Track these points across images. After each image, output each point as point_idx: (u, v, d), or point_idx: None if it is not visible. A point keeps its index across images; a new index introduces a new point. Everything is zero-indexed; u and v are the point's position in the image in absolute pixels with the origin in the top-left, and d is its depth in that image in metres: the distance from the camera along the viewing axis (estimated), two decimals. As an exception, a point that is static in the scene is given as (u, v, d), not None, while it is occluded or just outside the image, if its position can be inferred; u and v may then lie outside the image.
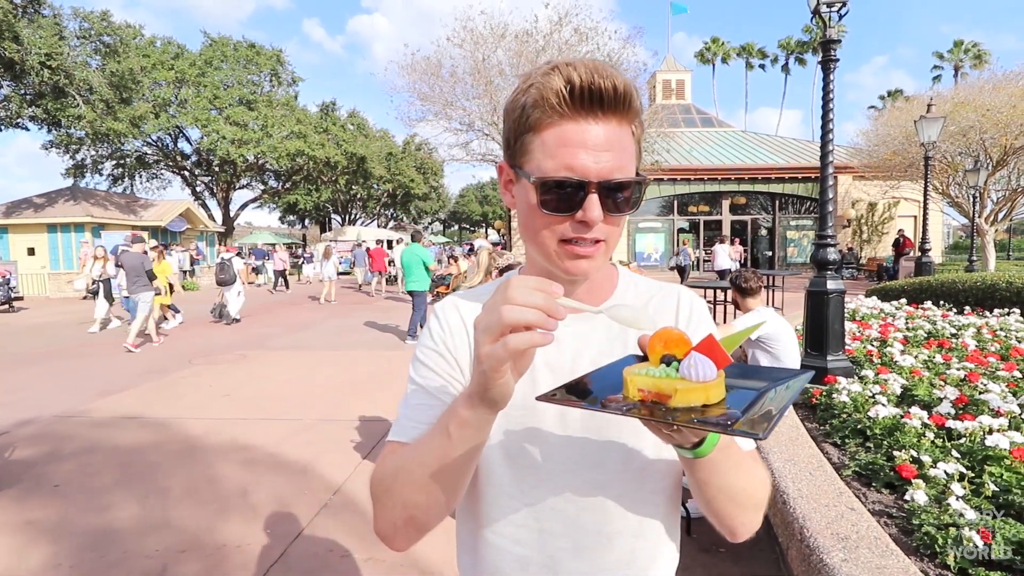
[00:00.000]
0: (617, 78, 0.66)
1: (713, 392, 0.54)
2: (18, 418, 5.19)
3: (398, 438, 0.76)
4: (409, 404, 0.79)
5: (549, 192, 0.67)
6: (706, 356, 0.55)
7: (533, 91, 0.67)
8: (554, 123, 0.67)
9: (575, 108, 0.66)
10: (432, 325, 0.83)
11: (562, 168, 0.66)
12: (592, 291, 0.81)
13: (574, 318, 0.78)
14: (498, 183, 0.78)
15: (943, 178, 16.78)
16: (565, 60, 0.68)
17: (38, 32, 16.51)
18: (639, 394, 0.56)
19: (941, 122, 11.03)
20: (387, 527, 0.72)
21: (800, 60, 46.70)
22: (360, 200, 40.68)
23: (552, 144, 0.67)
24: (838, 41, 4.09)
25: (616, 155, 0.67)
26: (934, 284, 8.05)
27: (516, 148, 0.71)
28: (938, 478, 2.37)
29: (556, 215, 0.68)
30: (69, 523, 3.26)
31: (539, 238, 0.71)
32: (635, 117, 0.70)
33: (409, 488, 0.68)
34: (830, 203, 4.42)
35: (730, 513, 0.73)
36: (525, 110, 0.68)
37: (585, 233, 0.68)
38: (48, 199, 20.85)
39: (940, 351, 4.51)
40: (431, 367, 0.79)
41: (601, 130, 0.66)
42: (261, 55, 27.59)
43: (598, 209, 0.66)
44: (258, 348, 8.60)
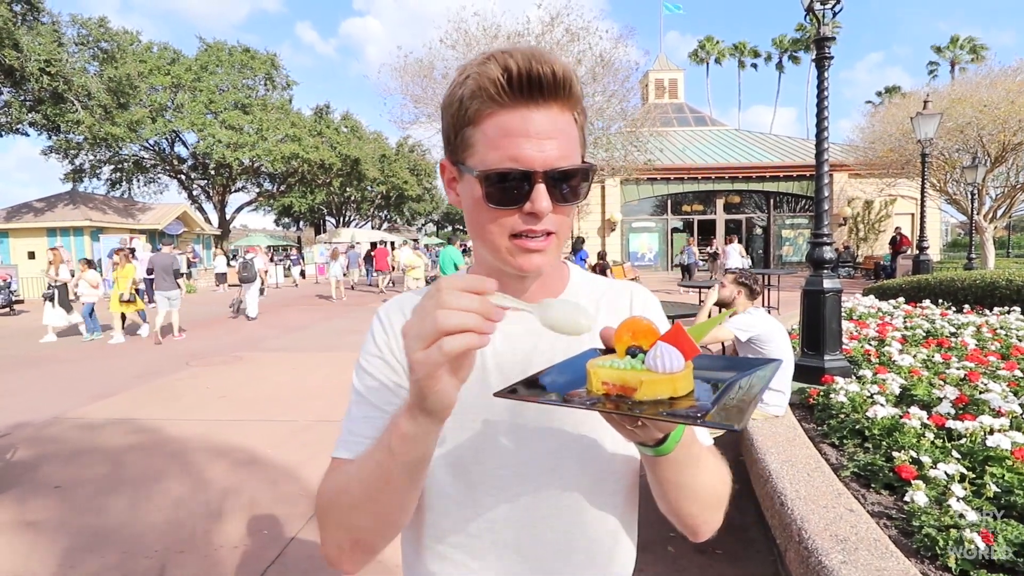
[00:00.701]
0: (556, 63, 0.63)
1: (680, 384, 0.51)
2: (18, 420, 5.19)
3: (340, 454, 0.73)
4: (352, 417, 0.75)
5: (494, 185, 0.64)
6: (673, 346, 0.52)
7: (470, 82, 0.64)
8: (494, 113, 0.64)
9: (514, 96, 0.63)
10: (375, 329, 0.79)
11: (506, 159, 0.63)
12: (543, 289, 0.78)
13: (518, 317, 0.75)
14: (442, 182, 0.75)
15: (940, 175, 16.79)
16: (501, 48, 0.65)
17: (37, 39, 16.56)
18: (603, 387, 0.53)
19: (938, 119, 11.02)
20: (333, 550, 0.68)
21: (794, 58, 46.78)
22: (354, 202, 40.73)
23: (493, 135, 0.64)
24: (832, 39, 4.07)
25: (561, 143, 0.64)
26: (932, 282, 8.03)
27: (457, 143, 0.68)
28: (938, 479, 2.34)
29: (503, 208, 0.65)
30: (69, 524, 3.27)
31: (488, 235, 0.68)
32: (576, 103, 0.68)
33: (352, 511, 0.64)
34: (826, 201, 4.40)
35: (692, 512, 0.71)
36: (463, 102, 0.65)
37: (535, 225, 0.65)
38: (48, 203, 20.88)
39: (939, 350, 4.48)
40: (374, 375, 0.76)
41: (543, 117, 0.64)
42: (256, 59, 27.65)
43: (547, 199, 0.63)
44: (254, 350, 8.58)
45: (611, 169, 17.79)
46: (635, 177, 19.75)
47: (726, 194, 24.66)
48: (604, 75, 15.48)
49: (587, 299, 0.81)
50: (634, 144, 17.08)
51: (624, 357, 0.55)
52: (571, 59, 14.92)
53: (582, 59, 15.04)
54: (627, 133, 17.01)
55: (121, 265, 9.84)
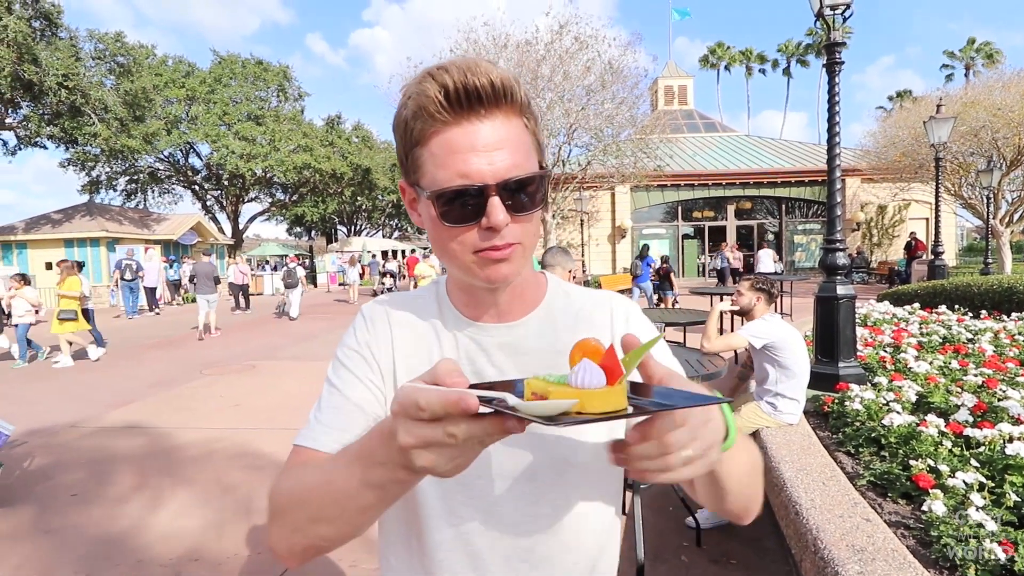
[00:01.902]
0: (492, 72, 0.62)
1: (594, 401, 0.49)
2: (35, 428, 5.26)
3: (305, 443, 0.72)
4: (322, 407, 0.75)
5: (447, 204, 0.64)
6: (597, 365, 0.52)
7: (411, 103, 0.64)
8: (438, 131, 0.63)
9: (455, 111, 0.62)
10: (357, 325, 0.80)
11: (456, 176, 0.62)
12: (518, 299, 0.78)
13: (502, 328, 0.77)
14: (405, 205, 0.74)
15: (955, 179, 16.60)
16: (438, 64, 0.64)
17: (55, 54, 16.93)
18: (532, 397, 0.52)
19: (951, 122, 10.92)
20: (283, 547, 0.66)
21: (803, 62, 46.55)
22: (365, 211, 41.03)
23: (440, 153, 0.63)
24: (843, 44, 4.06)
25: (510, 152, 0.63)
26: (948, 288, 7.92)
27: (409, 165, 0.68)
28: (956, 488, 2.30)
29: (460, 226, 0.64)
30: (84, 531, 3.31)
31: (450, 253, 0.67)
32: (522, 110, 0.66)
33: (315, 524, 0.62)
34: (838, 207, 4.37)
35: (738, 499, 0.69)
36: (408, 124, 0.65)
37: (495, 240, 0.64)
38: (65, 215, 21.25)
39: (956, 356, 4.42)
40: (351, 369, 0.76)
41: (488, 129, 0.63)
42: (268, 71, 28.04)
43: (502, 212, 0.63)
44: (266, 358, 8.64)
45: (621, 176, 17.80)
46: (645, 184, 19.74)
47: (737, 200, 24.54)
48: (613, 82, 15.55)
49: (562, 312, 0.80)
50: (644, 151, 17.09)
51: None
52: (580, 67, 15.01)
53: (591, 66, 15.12)
54: (637, 140, 17.04)
55: (62, 279, 8.60)
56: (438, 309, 0.80)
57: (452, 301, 0.80)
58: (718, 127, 30.03)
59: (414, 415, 0.46)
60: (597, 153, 16.87)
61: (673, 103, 29.85)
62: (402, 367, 0.76)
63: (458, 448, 0.47)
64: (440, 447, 0.46)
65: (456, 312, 0.79)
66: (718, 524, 3.11)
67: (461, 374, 0.47)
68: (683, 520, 3.19)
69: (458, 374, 0.47)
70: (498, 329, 0.77)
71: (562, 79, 14.72)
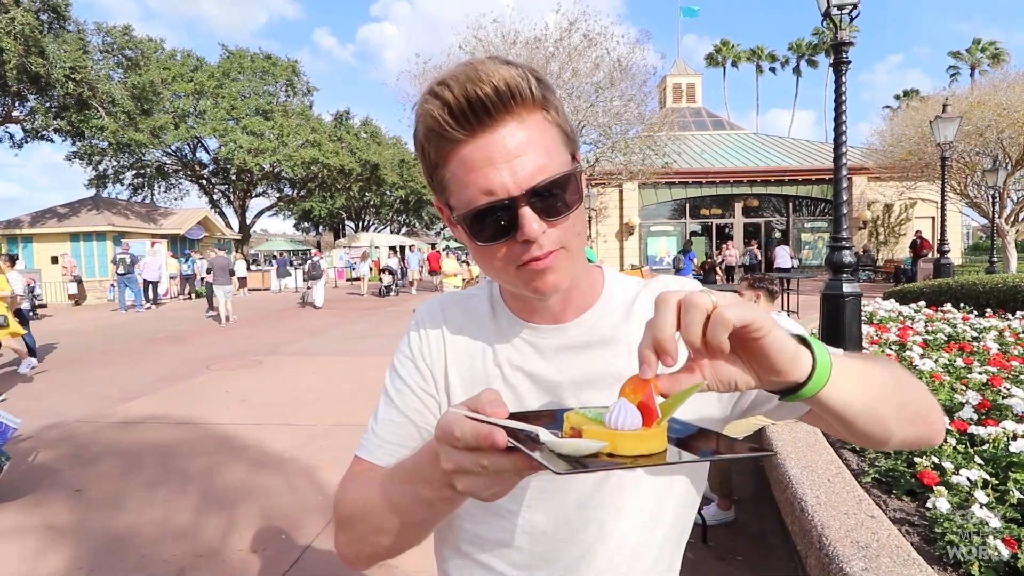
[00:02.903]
0: (495, 76, 0.58)
1: (626, 443, 0.48)
2: (41, 423, 5.29)
3: (364, 455, 0.75)
4: (378, 418, 0.77)
5: (476, 224, 0.61)
6: (634, 405, 0.50)
7: (421, 125, 0.62)
8: (453, 150, 0.60)
9: (463, 127, 0.59)
10: (411, 331, 0.79)
11: (480, 195, 0.59)
12: (573, 299, 0.74)
13: (557, 329, 0.74)
14: (446, 223, 0.71)
15: (961, 178, 16.51)
16: (438, 79, 0.60)
17: (63, 47, 16.95)
18: (569, 432, 0.52)
19: (957, 122, 10.87)
20: (349, 554, 0.70)
21: (811, 62, 46.33)
22: (373, 207, 41.07)
23: (460, 172, 0.61)
24: (850, 43, 4.06)
25: (532, 155, 0.59)
26: (954, 286, 7.90)
27: (435, 186, 0.66)
28: (961, 485, 2.32)
29: (495, 243, 0.62)
30: (89, 527, 3.32)
31: (494, 270, 0.66)
32: (538, 104, 0.61)
33: (376, 534, 0.65)
34: (844, 205, 4.38)
35: (880, 417, 0.58)
36: (424, 147, 0.63)
37: (536, 252, 0.61)
38: (72, 209, 21.30)
39: (961, 354, 4.42)
40: (405, 380, 0.76)
41: (502, 137, 0.59)
42: (277, 66, 28.04)
43: (535, 221, 0.59)
44: (272, 354, 8.69)
45: (629, 173, 17.78)
46: (653, 181, 19.71)
47: (745, 198, 24.47)
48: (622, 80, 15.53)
49: (620, 309, 0.76)
50: (652, 148, 17.08)
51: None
52: (589, 64, 14.97)
53: (600, 64, 15.09)
54: (645, 137, 17.01)
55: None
56: (491, 310, 0.78)
57: (506, 302, 0.78)
58: (726, 125, 29.91)
59: (451, 443, 0.48)
60: (605, 150, 16.87)
61: (681, 101, 29.74)
62: (454, 371, 0.76)
63: (491, 477, 0.49)
64: (475, 475, 0.48)
65: (510, 313, 0.77)
66: (724, 521, 3.14)
67: (501, 403, 0.48)
68: (688, 515, 3.21)
69: (498, 404, 0.48)
70: (553, 331, 0.74)
71: (571, 76, 14.71)
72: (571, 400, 0.72)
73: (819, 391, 0.51)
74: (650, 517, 0.71)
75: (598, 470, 0.46)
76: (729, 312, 0.45)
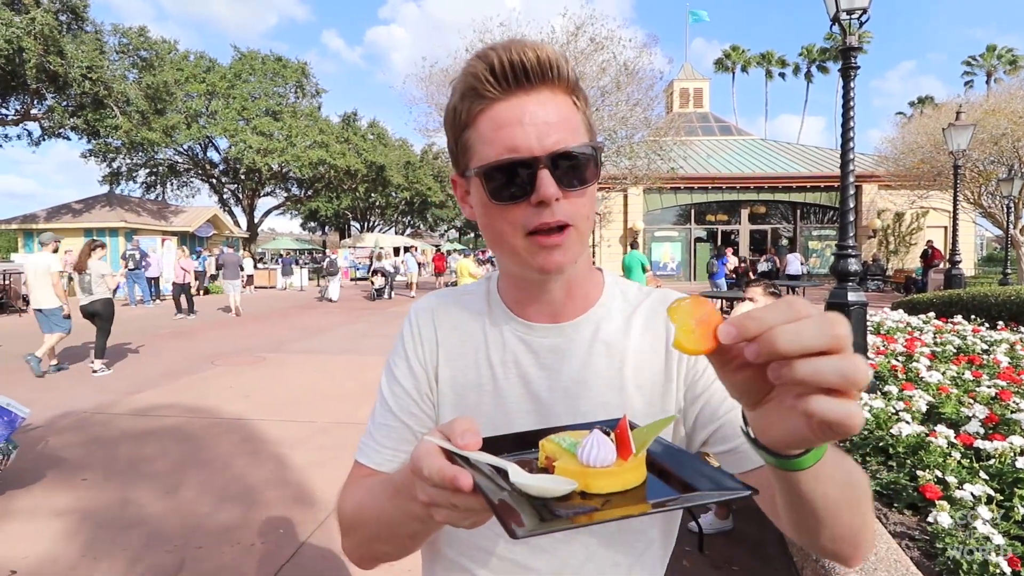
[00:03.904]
0: (539, 48, 0.62)
1: (600, 480, 0.47)
2: (50, 415, 5.36)
3: (362, 460, 0.75)
4: (375, 422, 0.76)
5: (495, 179, 0.62)
6: (608, 439, 0.49)
7: (459, 87, 0.64)
8: (485, 109, 0.63)
9: (501, 87, 0.61)
10: (404, 332, 0.79)
11: (504, 151, 0.61)
12: (573, 297, 0.74)
13: (553, 328, 0.73)
14: (457, 200, 0.73)
15: (974, 188, 16.35)
16: (487, 46, 0.64)
17: (81, 47, 17.23)
18: (544, 461, 0.52)
19: (971, 130, 10.75)
20: (355, 557, 0.71)
21: (822, 68, 46.09)
22: (379, 207, 41.29)
23: (488, 130, 0.62)
24: (859, 49, 4.02)
25: (558, 127, 0.62)
26: (965, 297, 7.80)
27: (459, 151, 0.67)
28: (964, 500, 2.27)
29: (510, 204, 0.62)
30: (94, 514, 3.38)
31: (503, 237, 0.65)
32: (572, 87, 0.65)
33: (374, 542, 0.66)
34: (851, 213, 4.33)
35: (844, 525, 0.55)
36: (456, 108, 0.65)
37: (547, 217, 0.61)
38: (86, 205, 21.63)
39: (970, 367, 4.35)
40: (400, 381, 0.76)
41: (534, 103, 0.62)
42: (287, 68, 28.30)
43: (552, 185, 0.60)
44: (276, 351, 8.73)
45: (634, 178, 17.74)
46: (658, 186, 19.65)
47: (751, 204, 24.34)
48: (628, 84, 15.49)
49: (619, 314, 0.75)
50: (657, 153, 17.02)
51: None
52: (595, 68, 14.96)
53: (606, 68, 15.08)
54: (651, 142, 16.96)
55: None
56: (487, 306, 0.77)
57: (503, 298, 0.77)
58: (733, 130, 29.81)
59: (421, 478, 0.47)
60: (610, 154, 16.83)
61: (688, 105, 29.69)
62: (446, 373, 0.75)
63: (465, 512, 0.47)
64: (449, 509, 0.48)
65: (506, 309, 0.76)
66: (721, 530, 3.10)
67: (475, 433, 0.47)
68: (686, 525, 3.18)
69: (471, 434, 0.47)
70: (549, 330, 0.73)
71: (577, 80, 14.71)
72: (560, 408, 0.71)
73: (803, 470, 0.46)
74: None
75: (555, 531, 0.43)
76: (855, 363, 0.37)
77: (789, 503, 0.53)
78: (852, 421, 0.37)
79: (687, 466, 0.51)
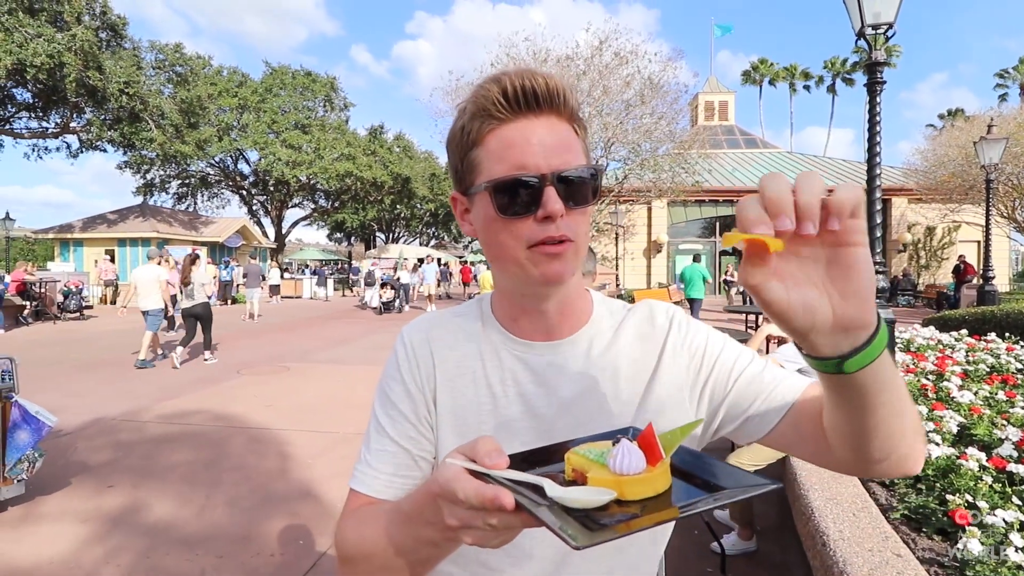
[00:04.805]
0: (549, 77, 0.66)
1: (634, 487, 0.48)
2: (79, 421, 5.50)
3: (359, 488, 0.74)
4: (371, 447, 0.75)
5: (504, 195, 0.65)
6: (637, 447, 0.50)
7: (470, 107, 0.68)
8: (495, 130, 0.66)
9: (512, 110, 0.66)
10: (399, 353, 0.78)
11: (513, 168, 0.65)
12: (566, 315, 0.76)
13: (549, 346, 0.75)
14: (456, 217, 0.76)
15: (1008, 202, 15.91)
16: (499, 71, 0.68)
17: (119, 63, 17.94)
18: (572, 474, 0.53)
19: (1003, 143, 10.49)
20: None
21: (848, 80, 45.35)
22: (404, 219, 41.81)
23: (498, 149, 0.66)
24: (885, 63, 3.98)
25: (562, 148, 0.66)
26: (998, 314, 7.56)
27: (464, 170, 0.70)
28: (996, 526, 2.21)
29: (516, 218, 0.65)
30: (118, 524, 3.44)
31: (505, 250, 0.67)
32: (572, 116, 0.69)
33: (383, 571, 0.65)
34: (878, 228, 4.26)
35: (897, 428, 0.57)
36: (465, 128, 0.68)
37: (552, 232, 0.64)
38: (120, 215, 22.35)
39: (1004, 387, 4.22)
40: (395, 403, 0.76)
41: (542, 127, 0.66)
42: (317, 82, 28.99)
43: (558, 201, 0.63)
44: (300, 361, 8.86)
45: (658, 191, 17.66)
46: (682, 199, 19.52)
47: (777, 217, 23.99)
48: (653, 97, 15.48)
49: (610, 329, 0.78)
50: (682, 166, 16.93)
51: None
52: (620, 82, 15.01)
53: (631, 81, 15.10)
54: (675, 155, 16.89)
55: None
56: (482, 327, 0.78)
57: (497, 317, 0.78)
58: (759, 143, 29.53)
59: (454, 502, 0.47)
60: (635, 167, 16.80)
61: (713, 118, 29.51)
62: (444, 395, 0.75)
63: (499, 531, 0.48)
64: (483, 530, 0.48)
65: (501, 329, 0.77)
66: (744, 551, 3.05)
67: (500, 453, 0.48)
68: (708, 545, 3.13)
69: (497, 454, 0.48)
70: (545, 347, 0.75)
71: (601, 94, 14.74)
72: (561, 423, 0.72)
73: (876, 358, 0.48)
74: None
75: (616, 538, 0.43)
76: (849, 194, 0.46)
77: (872, 406, 0.53)
78: (855, 194, 0.46)
79: (707, 469, 0.53)
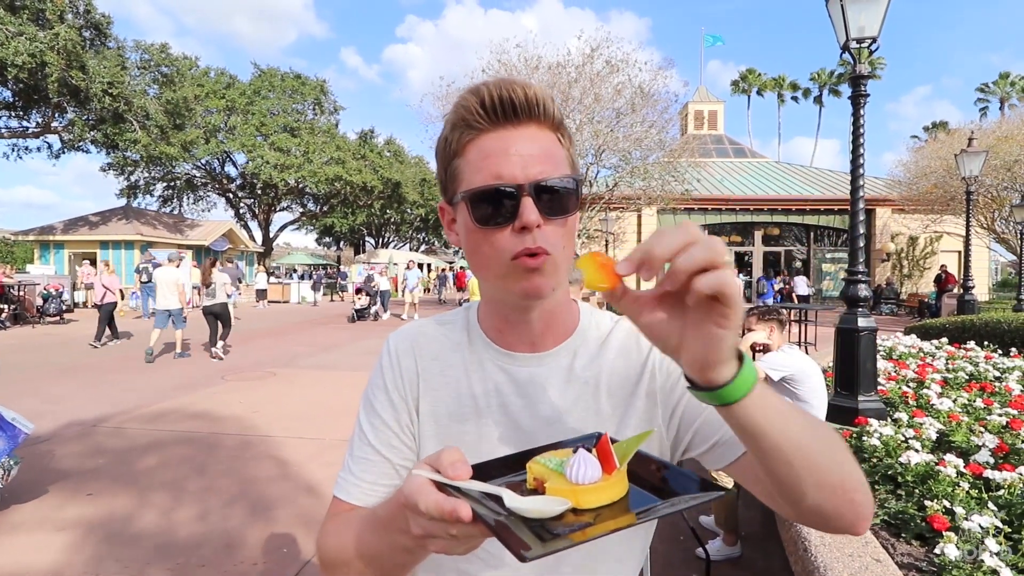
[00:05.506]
0: (528, 87, 0.66)
1: (589, 496, 0.50)
2: (57, 427, 5.39)
3: (341, 495, 0.75)
4: (354, 455, 0.76)
5: (481, 205, 0.65)
6: (593, 457, 0.52)
7: (451, 118, 0.68)
8: (474, 139, 0.67)
9: (491, 120, 0.66)
10: (383, 362, 0.79)
11: (490, 178, 0.65)
12: (551, 327, 0.76)
13: (534, 358, 0.76)
14: (444, 228, 0.76)
15: (988, 213, 16.24)
16: (480, 82, 0.68)
17: (103, 63, 17.69)
18: (533, 483, 0.54)
19: (983, 156, 10.73)
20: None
21: (834, 92, 46.12)
22: (394, 224, 41.67)
23: (476, 158, 0.66)
24: (870, 76, 4.06)
25: (542, 160, 0.65)
26: (978, 323, 7.71)
27: (447, 180, 0.71)
28: (972, 531, 2.25)
29: (493, 228, 0.65)
30: (97, 531, 3.37)
31: (487, 261, 0.68)
32: (556, 125, 0.69)
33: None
34: (861, 238, 4.33)
35: (832, 468, 0.55)
36: (447, 139, 0.69)
37: (528, 243, 0.64)
38: (103, 217, 22.01)
39: (982, 395, 4.30)
40: (379, 412, 0.76)
41: (521, 137, 0.66)
42: (306, 85, 28.86)
43: (534, 212, 0.63)
44: (287, 366, 8.78)
45: (648, 198, 17.79)
46: (672, 207, 19.67)
47: (765, 226, 24.30)
48: (643, 106, 15.61)
49: (596, 343, 0.79)
50: (671, 174, 17.07)
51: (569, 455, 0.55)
52: (611, 90, 15.12)
53: (622, 90, 15.22)
54: (665, 163, 17.03)
55: None
56: (467, 337, 0.79)
57: (483, 328, 0.78)
58: (747, 153, 29.87)
59: (417, 513, 0.48)
60: (625, 175, 16.91)
61: (703, 128, 29.79)
62: (426, 405, 0.76)
63: (460, 541, 0.49)
64: (445, 539, 0.49)
65: (486, 340, 0.77)
66: (729, 557, 3.07)
67: (464, 464, 0.49)
68: (693, 551, 3.15)
69: (461, 464, 0.49)
70: (530, 359, 0.75)
71: (592, 101, 14.84)
72: (542, 435, 0.73)
73: (738, 400, 0.50)
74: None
75: (570, 546, 0.45)
76: (728, 276, 0.45)
77: (759, 451, 0.53)
78: (727, 281, 0.45)
79: (668, 476, 0.55)
